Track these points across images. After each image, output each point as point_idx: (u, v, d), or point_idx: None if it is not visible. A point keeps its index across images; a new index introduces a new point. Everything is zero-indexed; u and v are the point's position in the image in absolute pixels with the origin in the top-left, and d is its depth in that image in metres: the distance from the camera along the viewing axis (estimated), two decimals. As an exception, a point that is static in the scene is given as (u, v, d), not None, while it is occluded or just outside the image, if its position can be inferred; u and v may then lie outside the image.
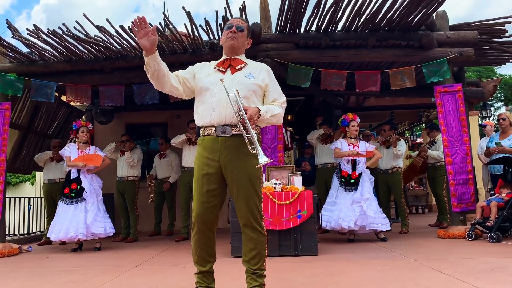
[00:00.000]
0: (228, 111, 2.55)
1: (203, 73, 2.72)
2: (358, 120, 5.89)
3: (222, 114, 2.57)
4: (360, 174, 5.59)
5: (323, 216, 5.62)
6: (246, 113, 2.45)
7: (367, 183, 5.61)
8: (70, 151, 5.96)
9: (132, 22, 2.45)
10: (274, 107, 2.69)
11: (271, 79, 2.78)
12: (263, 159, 2.40)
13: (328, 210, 5.68)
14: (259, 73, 2.74)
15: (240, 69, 2.69)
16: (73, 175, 5.89)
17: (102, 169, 6.18)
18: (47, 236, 5.88)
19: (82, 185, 5.79)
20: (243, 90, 2.58)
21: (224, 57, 2.79)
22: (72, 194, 5.78)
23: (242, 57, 2.81)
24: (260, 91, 2.71)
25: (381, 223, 5.46)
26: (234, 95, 2.49)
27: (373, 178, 5.85)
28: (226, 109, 2.56)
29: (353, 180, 5.55)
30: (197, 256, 2.66)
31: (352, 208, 5.39)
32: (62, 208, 5.78)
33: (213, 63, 2.79)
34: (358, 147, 5.71)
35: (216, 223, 2.67)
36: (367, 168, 5.82)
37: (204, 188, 2.59)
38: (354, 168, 5.61)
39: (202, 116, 2.65)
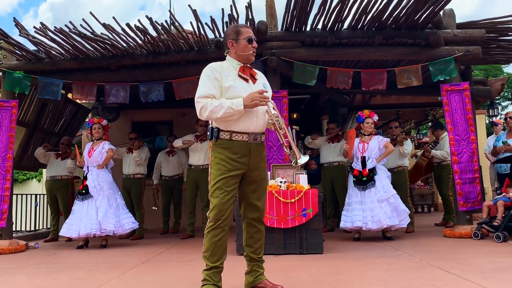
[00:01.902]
0: (261, 121, 2.79)
1: (229, 79, 2.76)
2: (376, 117, 5.82)
3: (258, 124, 2.77)
4: (372, 170, 5.53)
5: (343, 217, 5.59)
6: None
7: (385, 180, 5.57)
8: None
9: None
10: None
11: (269, 85, 3.05)
12: (302, 160, 2.79)
13: (345, 210, 5.62)
14: (265, 81, 2.99)
15: (257, 79, 2.89)
16: (85, 172, 5.99)
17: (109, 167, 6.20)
18: (62, 234, 5.90)
19: (87, 182, 5.84)
20: None
21: (237, 62, 2.85)
22: (83, 191, 5.86)
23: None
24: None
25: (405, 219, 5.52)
26: (273, 107, 2.86)
27: (390, 174, 5.82)
28: (259, 119, 2.78)
29: (364, 178, 5.49)
30: (210, 252, 2.72)
31: (380, 206, 5.37)
32: (76, 205, 5.88)
33: (230, 66, 2.83)
34: (368, 144, 5.66)
35: (231, 217, 2.84)
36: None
37: (230, 187, 2.73)
38: (364, 165, 5.56)
39: (233, 123, 2.72)
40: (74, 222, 5.75)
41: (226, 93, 2.72)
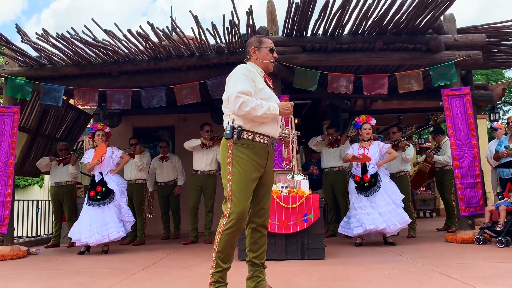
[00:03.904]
0: (278, 129, 2.95)
1: (260, 82, 2.90)
2: (374, 121, 5.84)
3: (276, 130, 2.93)
4: (375, 175, 5.52)
5: (345, 224, 5.66)
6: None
7: (392, 183, 5.65)
8: (89, 157, 6.02)
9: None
10: None
11: None
12: (298, 177, 2.98)
13: (347, 216, 5.69)
14: None
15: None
16: (97, 178, 5.93)
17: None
18: (70, 237, 5.91)
19: (109, 186, 5.85)
20: None
21: (260, 69, 3.00)
22: (98, 197, 5.80)
23: None
24: None
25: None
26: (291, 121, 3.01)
27: (389, 173, 5.87)
28: (277, 127, 2.94)
29: (367, 184, 5.49)
30: (225, 253, 2.75)
31: (396, 208, 5.43)
32: (89, 211, 5.78)
33: (257, 72, 2.94)
34: (368, 149, 5.66)
35: None
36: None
37: (252, 189, 2.79)
38: (365, 171, 5.55)
39: (257, 124, 2.80)
40: (84, 228, 5.67)
41: (259, 93, 2.83)
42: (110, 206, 5.81)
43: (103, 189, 5.84)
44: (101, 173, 5.95)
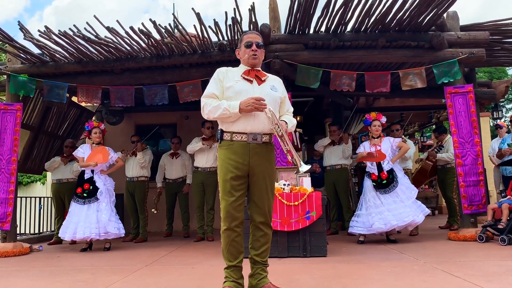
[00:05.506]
0: (260, 121, 2.80)
1: (231, 80, 2.88)
2: (384, 119, 5.82)
3: (255, 124, 2.80)
4: (390, 171, 5.51)
5: (356, 223, 5.53)
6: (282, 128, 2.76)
7: (405, 179, 5.60)
8: (83, 152, 6.00)
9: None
10: (291, 118, 3.02)
11: (285, 91, 3.11)
12: (303, 168, 2.75)
13: (358, 215, 5.57)
14: (278, 86, 3.03)
15: (264, 80, 2.95)
16: (87, 175, 5.93)
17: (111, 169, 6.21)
18: (59, 236, 5.95)
19: (97, 185, 5.84)
20: (271, 102, 2.84)
21: (245, 67, 2.98)
22: (85, 194, 5.82)
23: (261, 69, 3.05)
24: (279, 102, 3.00)
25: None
26: (270, 110, 2.76)
27: (402, 168, 5.83)
28: (258, 119, 2.80)
29: (385, 181, 5.46)
30: (226, 251, 2.82)
31: (405, 204, 5.37)
32: (75, 208, 5.84)
33: (237, 70, 2.97)
34: (380, 146, 5.63)
35: (243, 219, 2.85)
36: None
37: (235, 189, 2.78)
38: (380, 168, 5.53)
39: (231, 124, 2.81)
40: (70, 225, 5.73)
41: (226, 92, 2.86)
42: (93, 205, 5.79)
43: (91, 187, 5.84)
44: (92, 171, 5.95)
